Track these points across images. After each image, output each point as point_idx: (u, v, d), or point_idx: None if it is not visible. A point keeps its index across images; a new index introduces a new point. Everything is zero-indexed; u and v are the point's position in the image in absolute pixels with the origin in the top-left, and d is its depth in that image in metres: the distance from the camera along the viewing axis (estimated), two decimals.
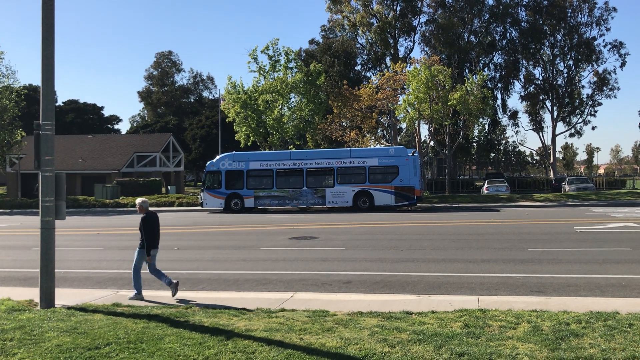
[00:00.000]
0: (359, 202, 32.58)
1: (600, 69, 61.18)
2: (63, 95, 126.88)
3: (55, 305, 9.05)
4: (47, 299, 9.05)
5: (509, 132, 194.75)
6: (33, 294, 9.76)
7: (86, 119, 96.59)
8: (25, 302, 9.37)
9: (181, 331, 7.17)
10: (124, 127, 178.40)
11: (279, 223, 25.40)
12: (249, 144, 48.60)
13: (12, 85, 46.41)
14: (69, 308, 8.83)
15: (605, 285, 10.26)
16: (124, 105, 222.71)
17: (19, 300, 9.43)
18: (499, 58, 65.31)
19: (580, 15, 60.46)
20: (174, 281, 10.00)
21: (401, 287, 10.61)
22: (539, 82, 63.52)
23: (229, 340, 6.71)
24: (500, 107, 66.76)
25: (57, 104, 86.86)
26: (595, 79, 61.26)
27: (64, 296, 9.76)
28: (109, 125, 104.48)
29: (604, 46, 61.17)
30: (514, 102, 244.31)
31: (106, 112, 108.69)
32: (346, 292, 10.36)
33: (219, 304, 9.07)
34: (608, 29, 64.77)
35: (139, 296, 9.86)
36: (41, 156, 9.16)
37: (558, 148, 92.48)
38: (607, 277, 10.95)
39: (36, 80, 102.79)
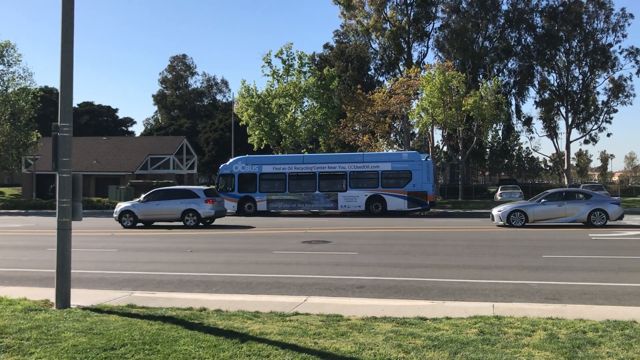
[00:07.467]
0: (371, 206, 32.53)
1: (616, 76, 60.86)
2: (78, 97, 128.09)
3: (71, 306, 9.10)
4: (63, 300, 9.11)
5: (523, 138, 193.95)
6: (49, 294, 9.83)
7: (101, 121, 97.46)
8: (41, 302, 9.44)
9: (196, 333, 7.19)
10: (138, 129, 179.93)
11: (291, 226, 25.41)
12: (262, 147, 48.70)
13: (28, 87, 46.98)
14: (84, 309, 8.88)
15: (622, 294, 10.14)
16: (138, 107, 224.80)
17: (35, 300, 9.50)
18: (513, 64, 65.09)
19: (596, 22, 60.14)
20: None
21: (415, 293, 10.56)
22: (554, 88, 63.15)
23: (244, 343, 6.71)
24: (515, 113, 66.47)
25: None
26: (610, 85, 60.85)
27: (80, 297, 9.82)
28: (123, 128, 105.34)
29: (620, 53, 60.95)
30: (529, 108, 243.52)
31: (120, 115, 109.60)
32: (360, 296, 10.32)
33: (233, 307, 9.08)
34: (624, 36, 64.65)
35: None
36: (59, 157, 9.22)
37: (572, 155, 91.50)
38: (623, 286, 10.82)
39: (51, 82, 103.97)
